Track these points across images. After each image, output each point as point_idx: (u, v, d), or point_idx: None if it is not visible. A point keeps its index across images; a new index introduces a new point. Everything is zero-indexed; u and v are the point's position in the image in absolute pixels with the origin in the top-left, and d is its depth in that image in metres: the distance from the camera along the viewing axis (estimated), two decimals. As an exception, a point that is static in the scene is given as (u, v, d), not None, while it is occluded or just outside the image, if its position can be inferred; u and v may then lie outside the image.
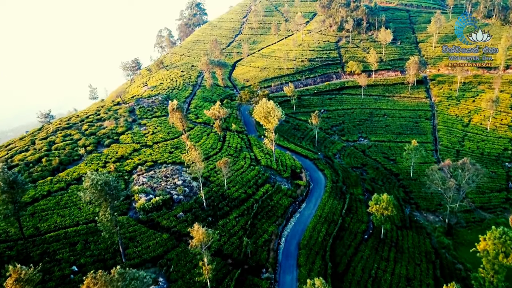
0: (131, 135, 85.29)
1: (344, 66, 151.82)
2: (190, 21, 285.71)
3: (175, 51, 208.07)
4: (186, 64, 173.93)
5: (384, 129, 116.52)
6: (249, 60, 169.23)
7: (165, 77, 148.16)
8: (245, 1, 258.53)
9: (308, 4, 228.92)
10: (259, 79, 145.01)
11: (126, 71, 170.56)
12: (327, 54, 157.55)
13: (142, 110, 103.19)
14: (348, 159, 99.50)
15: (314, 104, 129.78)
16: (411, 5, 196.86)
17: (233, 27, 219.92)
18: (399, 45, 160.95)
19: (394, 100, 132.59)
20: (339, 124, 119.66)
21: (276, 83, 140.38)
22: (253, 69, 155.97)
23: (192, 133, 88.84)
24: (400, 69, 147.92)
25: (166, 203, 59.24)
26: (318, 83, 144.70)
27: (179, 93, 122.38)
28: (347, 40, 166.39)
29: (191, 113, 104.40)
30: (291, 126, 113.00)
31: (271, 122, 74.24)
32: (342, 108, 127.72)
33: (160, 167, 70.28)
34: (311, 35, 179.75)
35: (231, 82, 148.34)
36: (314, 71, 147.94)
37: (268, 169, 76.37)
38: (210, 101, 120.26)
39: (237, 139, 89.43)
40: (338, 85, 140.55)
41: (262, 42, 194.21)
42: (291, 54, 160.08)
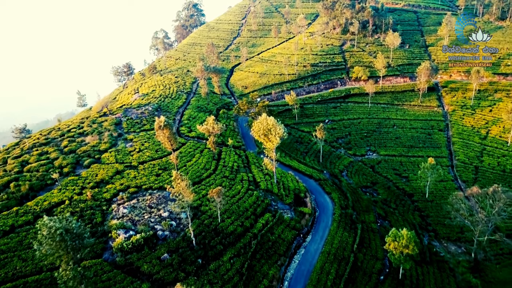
0: (114, 153, 77.01)
1: (349, 71, 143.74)
2: (187, 23, 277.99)
3: (170, 54, 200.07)
4: (181, 68, 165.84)
5: (394, 142, 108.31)
6: (248, 64, 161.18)
7: (158, 84, 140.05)
8: (244, 2, 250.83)
9: (310, 5, 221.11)
10: (259, 86, 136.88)
11: (118, 76, 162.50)
12: (331, 59, 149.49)
13: (129, 122, 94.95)
14: (356, 177, 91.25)
15: (318, 113, 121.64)
16: (418, 6, 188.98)
17: (231, 29, 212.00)
18: (408, 49, 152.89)
19: (403, 109, 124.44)
20: (345, 136, 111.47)
21: (276, 90, 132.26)
22: (252, 74, 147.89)
23: (184, 150, 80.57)
24: (409, 75, 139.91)
25: (148, 241, 50.98)
26: (322, 90, 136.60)
27: (171, 102, 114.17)
28: (352, 44, 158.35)
29: (184, 126, 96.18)
30: (293, 139, 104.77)
31: (272, 141, 66.04)
32: (348, 118, 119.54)
33: (145, 194, 61.99)
34: (313, 38, 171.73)
35: (228, 89, 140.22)
36: (317, 77, 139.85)
37: (268, 194, 68.15)
38: (205, 111, 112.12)
39: (233, 156, 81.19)
40: (343, 92, 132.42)
41: (261, 45, 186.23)
42: (293, 58, 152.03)
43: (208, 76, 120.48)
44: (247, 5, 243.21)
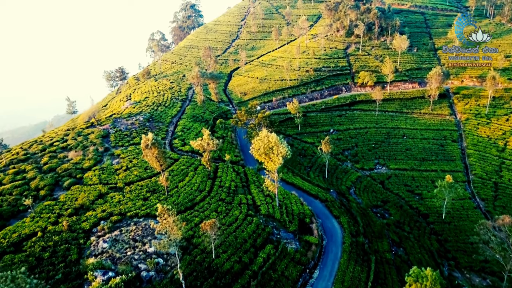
0: (99, 171, 69.98)
1: (354, 76, 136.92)
2: (184, 24, 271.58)
3: (166, 57, 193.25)
4: (177, 73, 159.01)
5: (405, 154, 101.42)
6: (247, 69, 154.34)
7: (151, 90, 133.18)
8: (243, 3, 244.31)
9: (312, 6, 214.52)
10: (259, 92, 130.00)
11: (110, 81, 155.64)
12: (335, 63, 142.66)
13: (118, 135, 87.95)
14: (365, 195, 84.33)
15: (322, 122, 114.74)
16: (425, 7, 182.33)
17: (230, 31, 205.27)
18: (416, 53, 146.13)
19: (413, 117, 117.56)
20: (352, 148, 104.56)
21: (277, 97, 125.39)
22: (252, 80, 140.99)
23: (176, 168, 73.57)
24: (418, 80, 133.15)
25: (130, 284, 43.96)
26: (326, 96, 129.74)
27: (165, 111, 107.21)
28: (357, 47, 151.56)
29: (177, 138, 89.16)
30: (296, 152, 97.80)
31: (273, 161, 59.11)
32: (354, 127, 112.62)
33: (129, 224, 54.96)
34: (316, 41, 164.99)
35: (226, 96, 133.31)
36: (321, 83, 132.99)
37: (270, 220, 61.17)
38: (201, 121, 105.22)
39: (231, 174, 74.21)
40: (349, 99, 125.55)
41: (261, 48, 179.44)
42: (295, 62, 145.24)
43: (204, 82, 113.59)
44: (246, 5, 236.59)
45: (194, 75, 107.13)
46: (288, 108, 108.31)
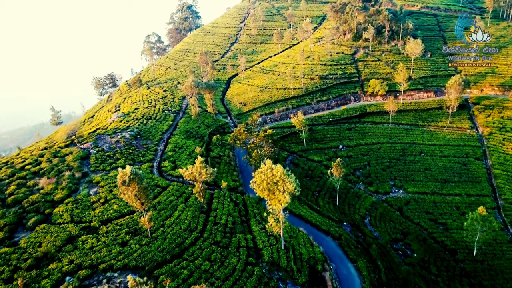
0: (72, 205, 60.08)
1: (363, 85, 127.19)
2: (181, 26, 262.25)
3: (160, 62, 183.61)
4: (171, 80, 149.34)
5: (424, 174, 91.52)
6: (246, 75, 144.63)
7: (142, 99, 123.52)
8: (242, 3, 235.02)
9: (316, 7, 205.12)
10: (259, 102, 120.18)
11: (99, 89, 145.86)
12: (342, 70, 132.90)
13: (100, 156, 78.01)
14: (382, 226, 74.43)
15: (330, 137, 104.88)
16: (437, 9, 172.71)
17: (229, 34, 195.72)
18: (430, 58, 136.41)
19: (430, 131, 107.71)
20: (364, 167, 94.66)
21: (280, 108, 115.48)
22: (252, 88, 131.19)
23: (163, 199, 63.67)
24: (433, 89, 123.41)
25: None
26: (333, 107, 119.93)
27: (155, 126, 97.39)
28: (365, 52, 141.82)
29: (167, 160, 79.21)
30: (302, 173, 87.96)
31: (279, 199, 49.24)
32: (365, 142, 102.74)
33: (101, 282, 45.01)
34: (321, 45, 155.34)
35: (224, 106, 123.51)
36: (327, 92, 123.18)
37: (275, 269, 51.24)
38: (195, 137, 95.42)
39: (228, 205, 64.36)
40: (358, 110, 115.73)
41: (262, 52, 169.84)
42: (298, 69, 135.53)
43: (200, 92, 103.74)
44: (246, 6, 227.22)
45: (188, 86, 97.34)
46: (292, 122, 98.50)
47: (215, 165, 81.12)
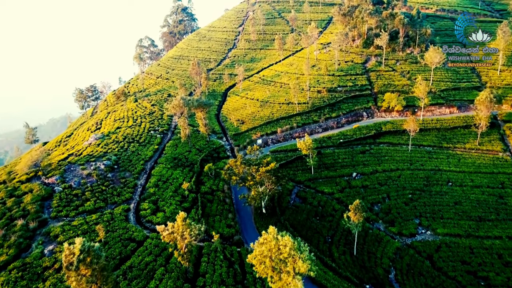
0: (17, 274, 46.95)
1: (377, 98, 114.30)
2: (176, 29, 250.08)
3: (151, 70, 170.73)
4: (161, 92, 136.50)
5: (454, 210, 78.45)
6: (245, 86, 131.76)
7: (127, 116, 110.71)
8: (241, 6, 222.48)
9: (320, 9, 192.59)
10: (259, 120, 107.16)
11: (80, 102, 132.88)
12: (352, 81, 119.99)
13: (65, 195, 64.94)
14: (411, 283, 61.31)
15: (341, 162, 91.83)
16: (454, 11, 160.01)
17: (226, 39, 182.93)
18: (450, 68, 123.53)
19: (456, 154, 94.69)
20: (383, 200, 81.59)
21: (284, 127, 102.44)
22: (251, 102, 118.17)
23: (137, 262, 50.56)
24: (456, 103, 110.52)
25: None
26: (344, 125, 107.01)
27: (137, 152, 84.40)
28: (378, 61, 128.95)
29: (147, 201, 66.00)
30: (311, 211, 74.88)
31: (287, 282, 36.16)
32: (382, 169, 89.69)
33: None
34: (327, 52, 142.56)
35: (219, 124, 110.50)
36: (336, 108, 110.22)
37: None
38: (184, 165, 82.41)
39: (220, 266, 51.36)
40: (373, 129, 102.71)
41: (262, 59, 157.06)
42: (303, 80, 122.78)
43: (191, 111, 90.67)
44: (245, 9, 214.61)
45: (176, 105, 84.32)
46: (298, 146, 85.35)
47: (206, 204, 68.09)
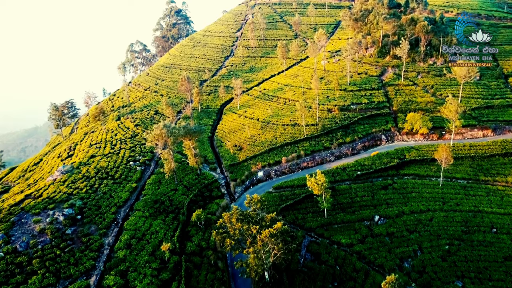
0: None
1: (397, 118, 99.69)
2: (169, 33, 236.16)
3: (139, 81, 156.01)
4: (148, 108, 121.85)
5: (504, 267, 63.48)
6: (244, 102, 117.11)
7: (105, 139, 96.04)
8: (239, 8, 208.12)
9: (326, 12, 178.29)
10: (260, 145, 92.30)
11: (55, 121, 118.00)
12: (368, 98, 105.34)
13: (5, 265, 50.00)
14: None
15: (360, 201, 77.01)
16: (478, 15, 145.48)
17: (223, 46, 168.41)
18: (480, 81, 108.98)
19: (498, 190, 79.80)
20: (414, 254, 66.68)
21: (289, 155, 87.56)
22: (250, 123, 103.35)
23: None
24: (490, 125, 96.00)
25: None
26: (360, 151, 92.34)
27: (110, 193, 69.59)
28: (395, 73, 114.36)
29: (113, 271, 50.90)
30: (327, 274, 59.93)
31: None
32: (410, 210, 74.86)
33: None
34: (337, 62, 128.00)
35: (213, 150, 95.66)
36: (351, 130, 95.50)
37: None
38: (167, 211, 67.62)
39: None
40: (394, 156, 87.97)
41: (263, 69, 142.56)
42: (310, 95, 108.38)
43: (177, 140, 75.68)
44: (243, 12, 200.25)
45: (157, 135, 69.42)
46: (309, 185, 70.50)
47: (192, 272, 53.21)
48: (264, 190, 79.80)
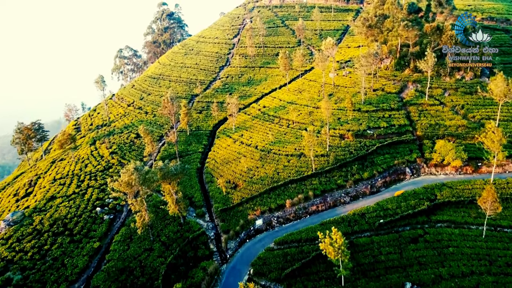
0: None
1: (423, 146, 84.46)
2: (160, 38, 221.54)
3: (123, 94, 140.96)
4: (129, 129, 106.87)
5: None
6: (240, 122, 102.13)
7: (71, 174, 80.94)
8: (236, 11, 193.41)
9: (333, 16, 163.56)
10: (259, 183, 76.88)
11: (19, 145, 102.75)
12: (386, 120, 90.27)
13: None
14: None
15: (384, 260, 61.77)
16: (506, 21, 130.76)
17: (218, 54, 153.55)
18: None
19: (557, 244, 64.53)
20: None
21: (295, 197, 72.23)
22: (247, 150, 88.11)
23: None
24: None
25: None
26: (380, 189, 77.11)
27: (62, 258, 54.29)
28: (418, 90, 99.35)
29: None
30: None
31: None
32: (449, 272, 59.62)
33: None
34: (347, 75, 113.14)
35: (201, 187, 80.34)
36: (368, 162, 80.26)
37: None
38: (136, 286, 52.14)
39: None
40: (424, 197, 72.73)
41: (262, 82, 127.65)
42: (318, 115, 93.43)
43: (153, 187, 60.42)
44: (241, 15, 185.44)
45: (125, 183, 54.20)
46: (323, 248, 55.31)
47: None
48: (264, 245, 64.65)
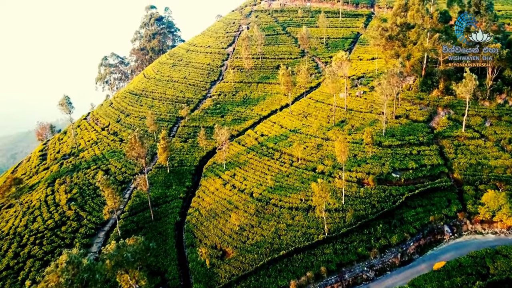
0: None
1: (463, 193, 67.24)
2: (148, 45, 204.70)
3: (98, 114, 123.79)
4: (98, 163, 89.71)
5: None
6: (232, 156, 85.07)
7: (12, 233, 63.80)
8: (232, 16, 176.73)
9: (340, 22, 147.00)
10: (254, 250, 59.54)
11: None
12: (415, 158, 73.05)
13: None
14: None
15: None
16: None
17: (209, 66, 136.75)
18: None
19: None
20: None
21: (302, 275, 54.89)
22: (240, 198, 70.84)
23: None
24: None
25: None
26: (413, 256, 59.82)
27: None
28: (451, 117, 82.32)
29: None
30: None
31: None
32: None
33: None
34: (362, 96, 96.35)
35: (178, 255, 63.00)
36: (396, 220, 62.91)
37: None
38: None
39: None
40: (472, 272, 55.43)
41: (260, 101, 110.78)
42: (329, 151, 76.28)
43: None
44: (237, 21, 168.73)
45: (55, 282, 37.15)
46: None
47: None
48: None
